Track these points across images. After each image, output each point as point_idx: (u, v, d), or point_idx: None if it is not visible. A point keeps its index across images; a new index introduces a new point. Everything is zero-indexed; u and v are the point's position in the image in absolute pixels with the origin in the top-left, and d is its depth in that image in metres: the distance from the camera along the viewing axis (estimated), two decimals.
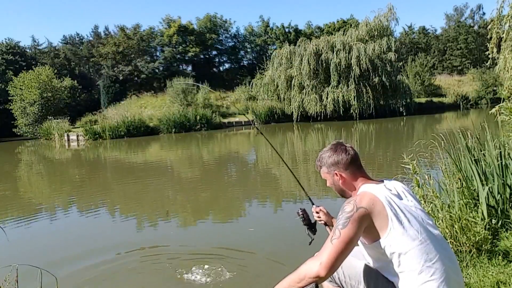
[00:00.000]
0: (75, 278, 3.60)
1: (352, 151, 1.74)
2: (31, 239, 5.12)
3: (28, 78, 26.17)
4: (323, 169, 1.78)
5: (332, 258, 1.42)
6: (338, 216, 1.52)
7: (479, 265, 2.59)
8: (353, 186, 1.72)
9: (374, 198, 1.54)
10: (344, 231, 1.45)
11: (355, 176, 1.72)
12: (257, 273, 3.57)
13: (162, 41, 35.88)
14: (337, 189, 1.77)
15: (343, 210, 1.52)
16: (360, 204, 1.51)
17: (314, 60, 23.48)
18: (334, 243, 1.44)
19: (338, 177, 1.72)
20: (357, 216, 1.48)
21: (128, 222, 5.75)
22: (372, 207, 1.51)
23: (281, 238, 4.48)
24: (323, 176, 1.80)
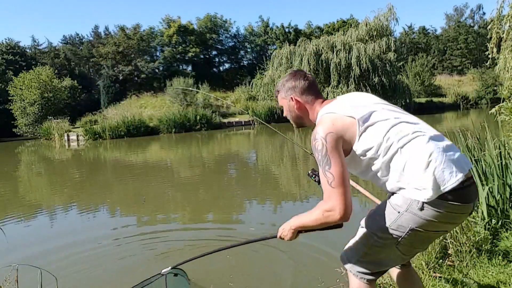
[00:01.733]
0: (75, 278, 3.61)
1: (311, 78, 1.72)
2: (31, 239, 5.11)
3: (28, 78, 26.15)
4: (280, 95, 1.75)
5: (343, 199, 1.40)
6: (317, 158, 1.49)
7: (479, 265, 2.59)
8: (309, 112, 1.70)
9: (333, 118, 1.52)
10: (333, 169, 1.43)
11: (312, 102, 1.69)
12: (257, 273, 3.57)
13: (162, 41, 35.88)
14: (293, 116, 1.75)
15: (315, 149, 1.49)
16: (324, 132, 1.48)
17: (314, 60, 23.49)
18: (335, 185, 1.42)
19: (294, 102, 1.70)
20: (330, 147, 1.45)
21: (128, 222, 5.75)
22: (336, 127, 1.49)
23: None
24: (280, 103, 1.78)
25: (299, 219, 1.58)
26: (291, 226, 1.61)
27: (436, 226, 1.45)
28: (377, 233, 1.55)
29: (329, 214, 1.42)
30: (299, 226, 1.59)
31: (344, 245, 1.79)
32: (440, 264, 2.66)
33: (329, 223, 1.46)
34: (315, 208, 1.49)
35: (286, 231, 1.63)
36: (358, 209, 5.28)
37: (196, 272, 3.34)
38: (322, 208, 1.45)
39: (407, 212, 1.44)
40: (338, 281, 2.70)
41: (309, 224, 1.53)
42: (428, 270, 2.56)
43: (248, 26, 41.29)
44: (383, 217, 1.52)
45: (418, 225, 1.44)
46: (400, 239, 1.48)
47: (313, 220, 1.50)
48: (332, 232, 1.58)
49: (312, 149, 1.52)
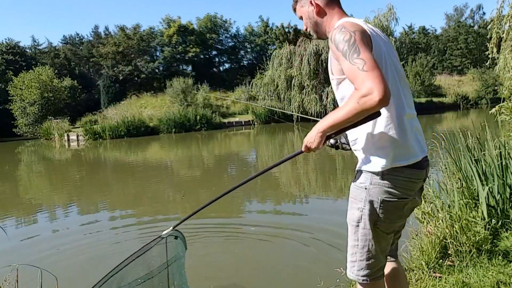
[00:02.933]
0: (75, 278, 3.61)
1: None
2: (31, 239, 5.11)
3: (28, 78, 26.16)
4: (299, 3, 1.64)
5: (380, 79, 1.25)
6: (340, 49, 1.36)
7: (479, 265, 2.59)
8: (327, 20, 1.58)
9: (359, 26, 1.42)
10: (363, 55, 1.30)
11: (332, 6, 1.58)
12: (256, 273, 3.57)
13: (162, 41, 35.86)
14: (312, 24, 1.62)
15: (340, 41, 1.36)
16: (352, 28, 1.38)
17: (314, 60, 23.47)
18: (368, 68, 1.27)
19: (314, 6, 1.57)
20: (359, 38, 1.34)
21: (128, 222, 5.74)
22: (364, 30, 1.40)
23: (282, 237, 4.47)
24: (298, 13, 1.66)
25: (327, 119, 1.40)
26: (319, 130, 1.43)
27: None
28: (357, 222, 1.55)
29: (366, 100, 1.25)
30: (328, 127, 1.41)
31: (342, 246, 1.80)
32: (440, 264, 2.66)
33: (366, 111, 1.27)
34: (346, 102, 1.34)
35: (312, 138, 1.46)
36: None
37: (194, 269, 3.34)
38: (356, 95, 1.28)
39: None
40: (338, 281, 2.70)
41: (341, 119, 1.34)
42: (428, 270, 2.56)
43: (248, 26, 41.30)
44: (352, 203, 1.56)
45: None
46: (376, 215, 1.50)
47: (346, 113, 1.31)
48: (332, 232, 1.56)
49: (334, 42, 1.39)
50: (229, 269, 3.69)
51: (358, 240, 1.55)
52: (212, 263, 3.84)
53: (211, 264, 3.79)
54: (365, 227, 1.52)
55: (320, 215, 5.33)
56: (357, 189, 1.53)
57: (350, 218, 1.57)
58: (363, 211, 1.50)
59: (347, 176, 8.21)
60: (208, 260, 3.89)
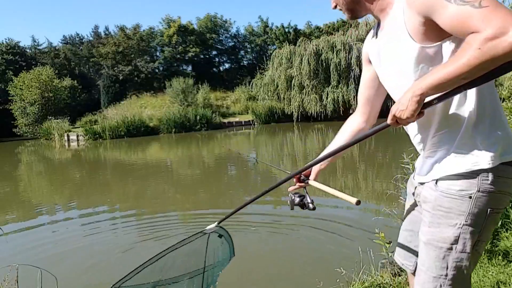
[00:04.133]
0: (75, 278, 3.61)
1: None
2: (31, 239, 5.11)
3: (28, 78, 26.17)
4: None
5: (510, 15, 0.88)
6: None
7: (479, 265, 2.59)
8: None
9: None
10: None
11: None
12: (255, 272, 3.57)
13: (162, 41, 35.86)
14: (347, 1, 1.24)
15: None
16: None
17: (314, 60, 23.48)
18: (486, 3, 0.91)
19: None
20: None
21: (128, 222, 5.74)
22: None
23: (282, 237, 4.47)
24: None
25: (430, 76, 0.99)
26: (415, 91, 1.01)
27: None
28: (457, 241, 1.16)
29: (495, 43, 0.87)
30: (431, 87, 0.99)
31: (342, 245, 1.75)
32: None
33: (495, 60, 0.89)
34: (458, 52, 0.95)
35: (405, 103, 1.03)
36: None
37: None
38: (476, 40, 0.90)
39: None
40: (338, 281, 2.70)
41: (454, 74, 0.94)
42: None
43: (248, 26, 41.32)
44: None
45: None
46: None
47: (461, 66, 0.93)
48: (332, 232, 1.53)
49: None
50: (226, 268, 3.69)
51: (448, 268, 1.17)
52: None
53: None
54: (463, 249, 1.15)
55: (319, 215, 5.33)
56: (454, 200, 1.14)
57: (438, 239, 1.17)
58: (463, 228, 1.14)
59: (347, 176, 8.22)
60: None
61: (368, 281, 2.54)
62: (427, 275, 1.20)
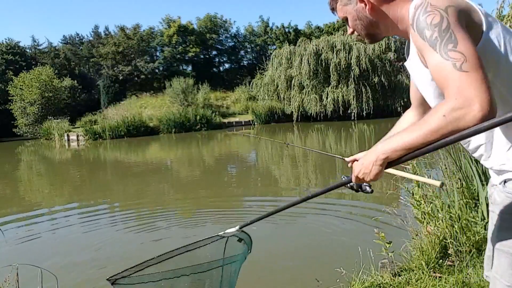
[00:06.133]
0: (75, 278, 3.61)
1: None
2: (31, 238, 5.11)
3: (28, 78, 26.19)
4: (340, 2, 1.22)
5: (485, 86, 0.88)
6: (428, 37, 0.97)
7: (479, 265, 2.59)
8: (393, 11, 1.14)
9: (454, 0, 1.01)
10: (461, 46, 0.91)
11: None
12: (255, 272, 3.57)
13: (162, 41, 35.88)
14: (364, 25, 1.19)
15: (427, 25, 0.97)
16: (443, 4, 0.97)
17: (314, 60, 23.49)
18: (468, 67, 0.89)
19: (365, 2, 1.15)
20: (454, 19, 0.95)
21: (128, 222, 5.74)
22: (457, 1, 1.00)
23: (283, 237, 4.47)
24: (341, 13, 1.24)
25: (393, 141, 1.00)
26: (378, 156, 1.02)
27: None
28: None
29: (460, 114, 0.88)
30: (393, 151, 1.00)
31: (341, 245, 1.70)
32: (440, 264, 2.66)
33: (456, 130, 0.90)
34: (426, 116, 0.96)
35: (368, 166, 1.05)
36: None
37: None
38: (445, 107, 0.91)
39: None
40: (338, 281, 2.70)
41: (416, 141, 0.95)
42: (428, 270, 2.56)
43: (248, 26, 41.34)
44: None
45: None
46: None
47: (425, 133, 0.93)
48: (331, 232, 1.52)
49: (417, 27, 1.00)
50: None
51: None
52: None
53: None
54: None
55: (319, 215, 5.33)
56: None
57: (508, 244, 1.08)
58: None
59: (347, 176, 8.20)
60: None
61: (368, 281, 2.54)
62: (502, 284, 1.10)
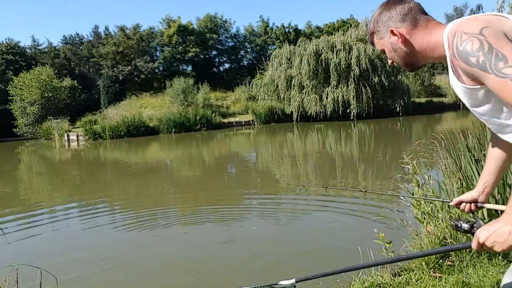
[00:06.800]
0: (75, 278, 3.61)
1: (410, 0, 1.21)
2: (31, 239, 5.11)
3: (28, 78, 26.18)
4: (376, 36, 1.26)
5: None
6: (475, 64, 0.97)
7: (479, 265, 2.59)
8: (423, 41, 1.16)
9: (483, 19, 1.02)
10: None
11: (423, 24, 1.16)
12: (254, 272, 3.57)
13: (162, 41, 35.86)
14: (401, 56, 1.22)
15: (469, 52, 0.98)
16: (477, 28, 0.98)
17: (314, 60, 23.48)
18: None
19: (397, 35, 1.18)
20: (494, 38, 0.95)
21: (128, 222, 5.74)
22: (491, 22, 1.01)
23: (283, 236, 4.47)
24: (378, 46, 1.28)
25: None
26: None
27: None
28: None
29: None
30: None
31: (341, 245, 1.68)
32: (440, 264, 2.66)
33: None
34: None
35: (505, 236, 1.03)
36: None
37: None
38: None
39: None
40: (338, 281, 2.70)
41: None
42: (428, 270, 2.56)
43: (248, 26, 41.30)
44: None
45: None
46: None
47: None
48: (331, 232, 1.49)
49: (461, 57, 1.00)
50: (228, 264, 3.69)
51: None
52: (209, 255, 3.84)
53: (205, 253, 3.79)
54: None
55: (319, 216, 5.33)
56: None
57: None
58: None
59: (347, 176, 8.22)
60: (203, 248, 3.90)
61: (368, 281, 2.54)
62: None
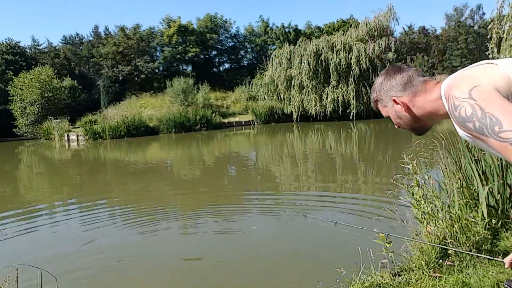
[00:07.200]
0: (75, 279, 3.60)
1: (406, 67, 1.26)
2: (31, 239, 5.11)
3: (28, 78, 26.18)
4: (380, 104, 1.32)
5: None
6: (475, 129, 0.98)
7: (479, 265, 2.59)
8: (426, 105, 1.18)
9: (469, 71, 1.05)
10: (506, 121, 0.92)
11: (422, 88, 1.20)
12: (254, 273, 3.57)
13: (162, 41, 35.87)
14: (407, 122, 1.26)
15: (465, 118, 0.99)
16: (465, 90, 1.00)
17: (314, 60, 23.49)
18: None
19: (400, 104, 1.23)
20: (483, 99, 0.96)
21: (128, 222, 5.74)
22: (479, 78, 1.01)
23: (283, 236, 4.47)
24: (384, 113, 1.33)
25: None
26: None
27: None
28: None
29: None
30: None
31: (341, 245, 1.72)
32: (440, 264, 2.66)
33: None
34: None
35: None
36: None
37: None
38: None
39: None
40: (338, 281, 2.70)
41: None
42: (428, 270, 2.56)
43: (248, 26, 41.32)
44: None
45: None
46: None
47: None
48: (331, 232, 1.51)
49: (458, 123, 1.02)
50: (229, 267, 3.69)
51: None
52: (209, 255, 3.84)
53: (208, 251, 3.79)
54: None
55: (319, 215, 5.33)
56: None
57: None
58: None
59: (347, 176, 8.21)
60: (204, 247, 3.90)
61: (368, 281, 2.53)
62: None
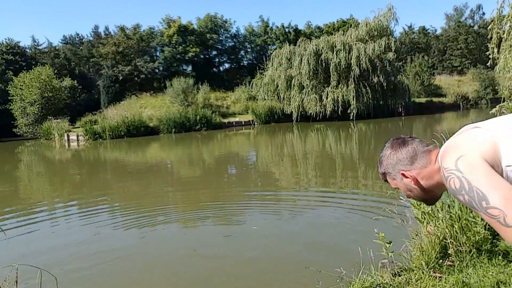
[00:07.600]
0: (75, 279, 3.60)
1: (410, 139, 1.29)
2: (31, 239, 5.11)
3: (28, 78, 26.16)
4: (389, 177, 1.34)
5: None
6: (465, 201, 1.02)
7: (479, 265, 2.59)
8: (433, 174, 1.22)
9: (455, 140, 1.12)
10: (492, 198, 0.95)
11: (427, 160, 1.23)
12: (254, 272, 3.57)
13: (162, 41, 35.87)
14: (418, 194, 1.29)
15: (456, 192, 1.03)
16: (452, 162, 1.04)
17: (314, 60, 23.48)
18: (510, 220, 0.93)
19: (409, 178, 1.26)
20: (468, 171, 1.00)
21: (128, 222, 5.74)
22: (465, 148, 1.06)
23: (283, 236, 4.47)
24: (393, 185, 1.36)
25: None
26: None
27: None
28: None
29: None
30: None
31: (341, 245, 1.72)
32: (440, 264, 2.66)
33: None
34: None
35: None
36: None
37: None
38: None
39: None
40: (338, 281, 2.70)
41: None
42: (428, 270, 2.56)
43: (248, 26, 41.33)
44: None
45: None
46: None
47: None
48: (331, 232, 1.53)
49: (453, 193, 1.08)
50: (229, 267, 3.69)
51: None
52: (210, 256, 3.84)
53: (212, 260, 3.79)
54: None
55: (319, 214, 5.33)
56: None
57: None
58: None
59: (347, 176, 8.22)
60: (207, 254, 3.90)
61: (368, 281, 2.54)
62: None
